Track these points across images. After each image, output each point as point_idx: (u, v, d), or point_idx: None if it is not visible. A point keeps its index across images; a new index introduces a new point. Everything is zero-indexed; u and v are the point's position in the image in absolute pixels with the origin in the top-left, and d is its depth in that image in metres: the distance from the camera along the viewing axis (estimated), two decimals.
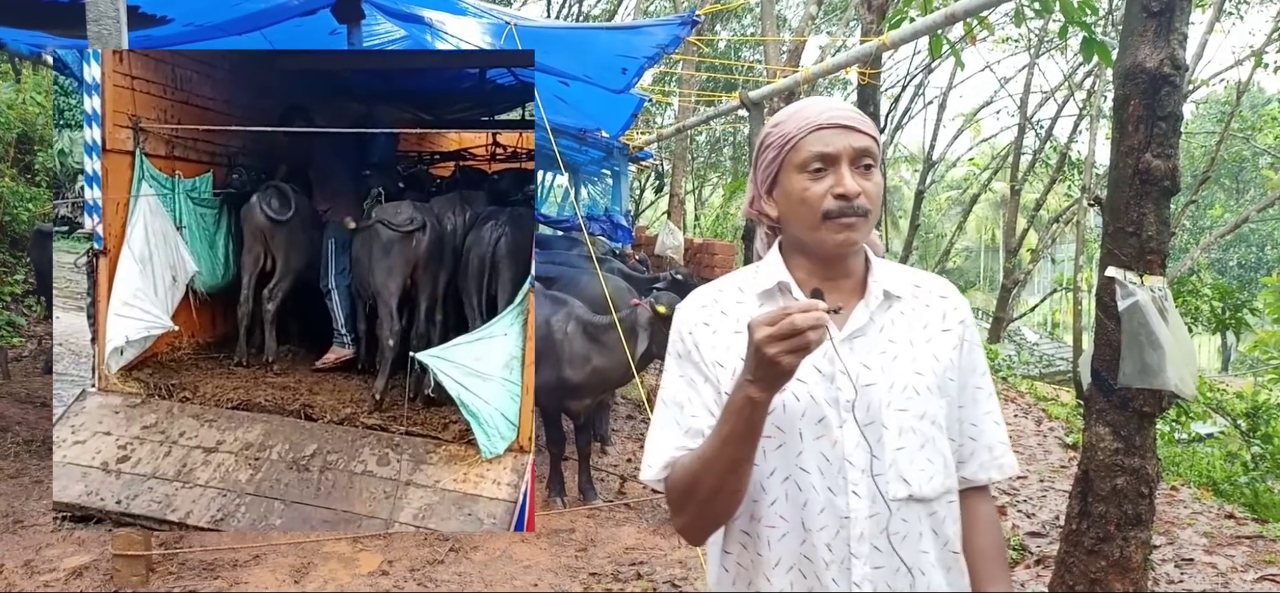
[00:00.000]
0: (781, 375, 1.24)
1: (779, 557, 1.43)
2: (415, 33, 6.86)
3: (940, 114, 20.44)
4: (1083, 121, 15.91)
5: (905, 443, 1.42)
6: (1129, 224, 3.14)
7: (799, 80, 7.29)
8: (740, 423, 1.30)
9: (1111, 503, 3.20)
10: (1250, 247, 26.57)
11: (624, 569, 4.38)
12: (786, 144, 1.46)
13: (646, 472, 1.50)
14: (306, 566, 4.21)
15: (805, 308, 1.22)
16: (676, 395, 1.49)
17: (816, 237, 1.44)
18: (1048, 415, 8.61)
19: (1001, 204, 24.23)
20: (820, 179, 1.43)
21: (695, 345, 1.49)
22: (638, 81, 7.63)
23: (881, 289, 1.48)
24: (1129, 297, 3.12)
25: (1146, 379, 3.11)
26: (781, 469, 1.43)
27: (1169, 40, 3.07)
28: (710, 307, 1.53)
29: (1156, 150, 3.08)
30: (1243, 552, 4.43)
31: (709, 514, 1.43)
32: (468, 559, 4.35)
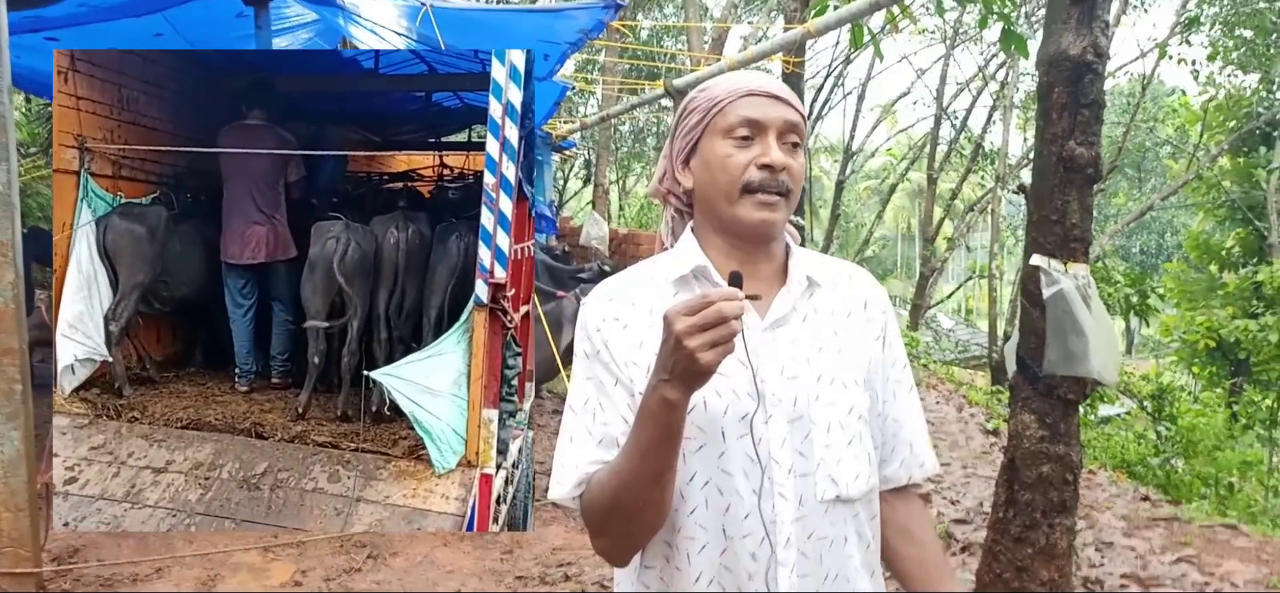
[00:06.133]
0: (701, 373, 1.11)
1: (699, 570, 1.29)
2: (328, 16, 6.59)
3: (859, 105, 20.74)
4: (996, 112, 16.33)
5: (833, 440, 1.31)
6: (1053, 212, 3.14)
7: (722, 68, 7.25)
8: (658, 429, 1.16)
9: (1037, 491, 3.21)
10: (1151, 234, 27.73)
11: (551, 571, 4.26)
12: (713, 107, 1.34)
13: (557, 489, 1.34)
14: (213, 578, 3.98)
15: (727, 296, 1.09)
16: (587, 402, 1.34)
17: (733, 212, 1.32)
18: (968, 402, 8.78)
19: (918, 193, 24.79)
20: (746, 147, 1.31)
21: (604, 344, 1.34)
22: (560, 69, 7.50)
23: (804, 275, 1.37)
24: (1053, 285, 3.12)
25: (1071, 366, 3.12)
26: (702, 473, 1.29)
27: (1092, 28, 3.07)
28: (618, 299, 1.37)
29: (1080, 138, 3.09)
30: (1159, 534, 4.54)
31: (632, 533, 1.29)
32: (387, 566, 4.18)
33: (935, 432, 7.30)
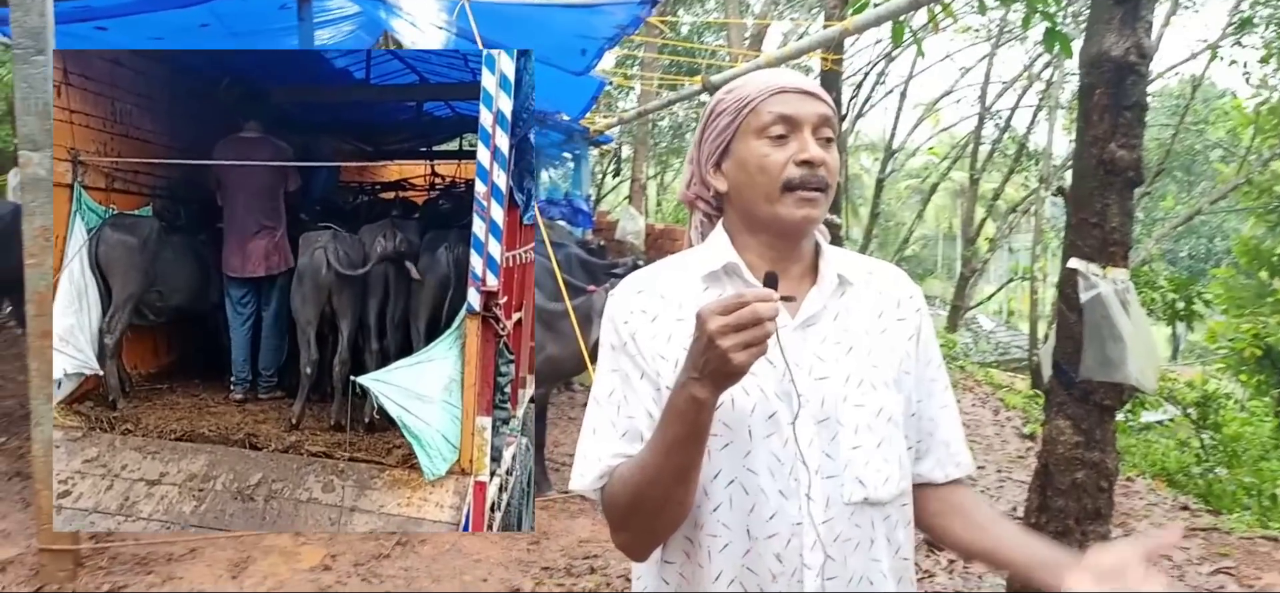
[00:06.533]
0: (733, 373, 1.10)
1: (720, 569, 1.28)
2: (369, 9, 6.65)
3: (901, 103, 20.49)
4: (1041, 112, 16.06)
5: (862, 441, 1.29)
6: (1092, 216, 3.08)
7: (761, 65, 7.21)
8: (685, 427, 1.16)
9: (1071, 497, 3.16)
10: (1201, 238, 27.09)
11: (577, 563, 4.27)
12: (745, 107, 1.33)
13: (578, 481, 1.34)
14: (245, 560, 4.05)
15: (763, 296, 1.08)
16: (612, 393, 1.34)
17: (774, 211, 1.30)
18: (1005, 405, 8.65)
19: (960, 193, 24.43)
20: (782, 146, 1.30)
21: (631, 336, 1.33)
22: (597, 64, 7.49)
23: (835, 274, 1.35)
24: (1091, 289, 3.06)
25: (1108, 372, 3.06)
26: (727, 471, 1.28)
27: (1135, 28, 3.01)
28: (648, 291, 1.36)
29: (1121, 140, 3.03)
30: (1198, 544, 4.44)
31: (654, 529, 1.29)
32: (414, 553, 4.22)
33: (970, 435, 7.21)
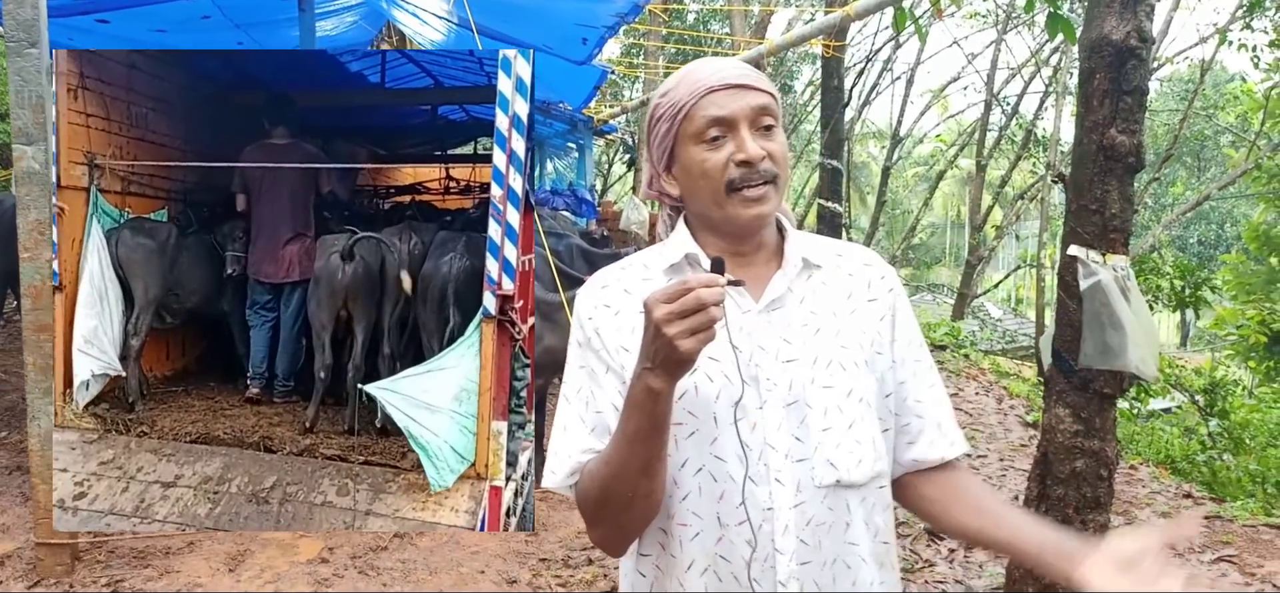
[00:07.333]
0: (682, 360, 1.09)
1: (692, 558, 1.27)
2: None
3: (908, 90, 20.36)
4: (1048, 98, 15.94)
5: (832, 423, 1.27)
6: (1092, 202, 3.04)
7: (763, 52, 7.17)
8: (644, 418, 1.15)
9: (1070, 486, 3.13)
10: (1210, 224, 26.95)
11: (575, 554, 4.25)
12: (678, 114, 1.31)
13: (551, 478, 1.35)
14: (243, 554, 4.05)
15: (707, 282, 1.07)
16: (580, 390, 1.34)
17: (724, 213, 1.30)
18: (1009, 393, 8.61)
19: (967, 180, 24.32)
20: (719, 148, 1.29)
21: (595, 331, 1.34)
22: (598, 52, 7.46)
23: (800, 256, 1.34)
24: (1091, 276, 3.03)
25: (1107, 360, 3.03)
26: (695, 460, 1.27)
27: (1136, 12, 2.96)
28: (612, 286, 1.37)
29: (1121, 126, 2.98)
30: (1200, 532, 4.40)
31: (625, 524, 1.28)
32: (412, 546, 4.21)
33: (973, 423, 7.17)
